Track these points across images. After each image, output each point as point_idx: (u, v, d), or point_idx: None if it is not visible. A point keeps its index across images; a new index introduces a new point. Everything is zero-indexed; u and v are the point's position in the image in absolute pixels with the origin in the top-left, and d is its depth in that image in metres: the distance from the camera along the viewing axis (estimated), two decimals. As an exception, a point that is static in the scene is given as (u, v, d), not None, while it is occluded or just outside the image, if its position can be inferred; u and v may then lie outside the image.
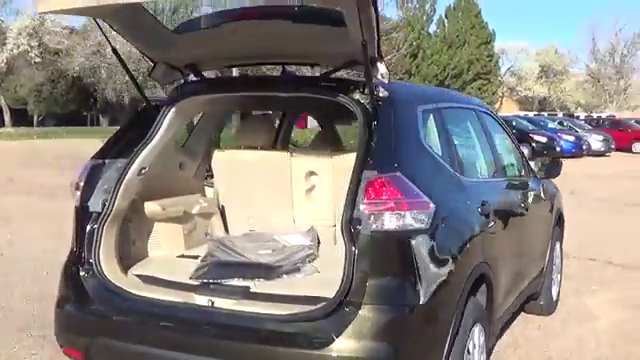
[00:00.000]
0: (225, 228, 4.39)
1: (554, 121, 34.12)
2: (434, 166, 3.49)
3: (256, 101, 4.39)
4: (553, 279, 5.96)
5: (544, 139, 27.50)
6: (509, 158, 5.04)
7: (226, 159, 4.29)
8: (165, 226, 3.97)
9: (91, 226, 3.51)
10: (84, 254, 3.50)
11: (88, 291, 3.44)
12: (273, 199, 4.22)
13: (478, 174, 4.28)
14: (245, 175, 4.24)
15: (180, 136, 4.31)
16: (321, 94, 3.56)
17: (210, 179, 4.52)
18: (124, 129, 3.87)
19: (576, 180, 15.58)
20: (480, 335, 3.62)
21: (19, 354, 4.71)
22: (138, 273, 3.62)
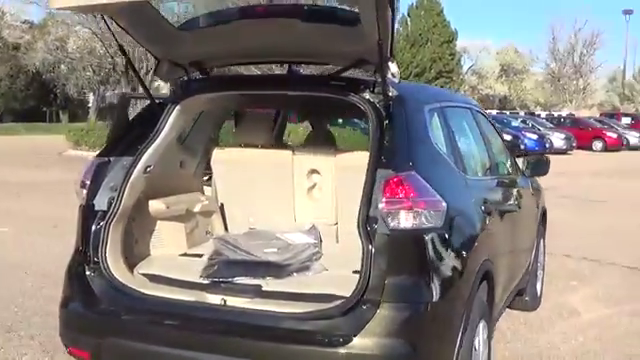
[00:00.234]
0: (225, 226, 4.36)
1: (517, 119, 34.65)
2: (443, 165, 3.53)
3: (263, 100, 4.37)
4: (537, 275, 6.07)
5: (508, 137, 27.86)
6: (500, 156, 5.12)
7: (226, 157, 4.26)
8: (168, 224, 3.93)
9: (97, 225, 3.46)
10: (90, 253, 3.44)
11: (95, 291, 3.39)
12: (274, 197, 4.21)
13: (477, 172, 4.33)
14: (245, 173, 4.22)
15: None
16: (331, 93, 3.56)
17: (207, 178, 4.49)
18: (128, 127, 3.82)
19: (541, 178, 15.81)
20: (484, 331, 3.67)
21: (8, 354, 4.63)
22: (144, 272, 3.57)
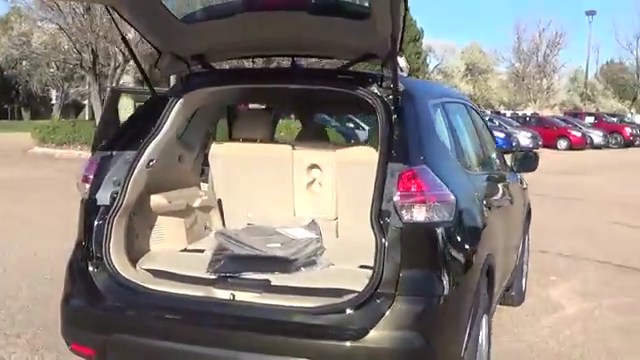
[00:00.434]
0: (222, 221, 4.33)
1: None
2: (449, 159, 3.56)
3: (267, 94, 4.35)
4: (523, 270, 6.15)
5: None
6: (492, 152, 5.17)
7: (224, 152, 4.23)
8: (168, 219, 3.89)
9: (100, 220, 3.41)
10: (92, 249, 3.39)
11: (98, 286, 3.33)
12: (273, 192, 4.19)
13: (475, 167, 4.38)
14: (244, 168, 4.20)
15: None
16: (339, 87, 3.56)
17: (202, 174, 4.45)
18: (130, 121, 3.77)
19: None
20: (486, 325, 3.71)
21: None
22: (147, 267, 3.53)
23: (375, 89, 3.41)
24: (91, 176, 3.50)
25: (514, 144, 29.94)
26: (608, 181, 18.43)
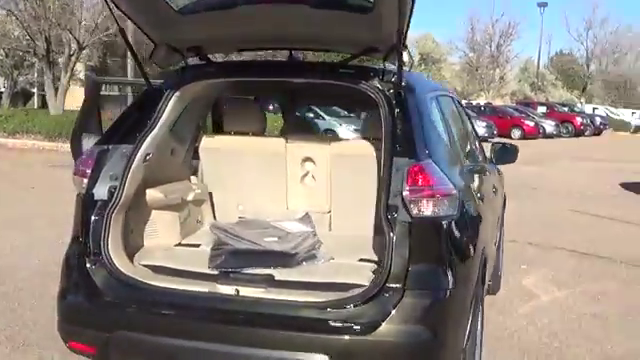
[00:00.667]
0: (213, 215, 4.29)
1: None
2: (448, 152, 3.59)
3: (266, 87, 4.30)
4: (500, 259, 6.25)
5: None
6: (476, 143, 5.23)
7: (216, 145, 4.19)
8: (162, 214, 3.83)
9: (97, 215, 3.34)
10: (90, 244, 3.32)
11: (97, 283, 3.26)
12: (266, 185, 4.17)
13: (466, 159, 4.42)
14: (236, 161, 4.16)
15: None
16: (341, 81, 3.54)
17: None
18: (126, 114, 3.69)
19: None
20: (481, 317, 3.77)
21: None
22: (146, 263, 3.47)
23: (377, 83, 3.41)
24: (88, 170, 3.42)
25: (470, 133, 30.33)
26: (564, 170, 18.84)
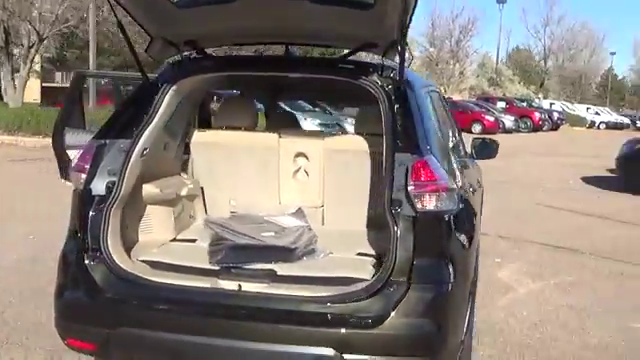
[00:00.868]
0: (205, 210, 4.27)
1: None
2: (444, 148, 3.63)
3: (264, 82, 4.28)
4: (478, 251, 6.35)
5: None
6: (459, 138, 5.29)
7: (208, 140, 4.17)
8: (157, 209, 3.80)
9: (96, 211, 3.30)
10: (88, 240, 3.28)
11: (96, 279, 3.22)
12: (258, 180, 4.17)
13: (456, 154, 4.47)
14: (228, 156, 4.15)
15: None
16: (340, 76, 3.56)
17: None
18: (122, 108, 3.65)
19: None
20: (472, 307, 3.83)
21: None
22: (144, 259, 3.44)
23: (377, 79, 3.43)
24: (87, 166, 3.38)
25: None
26: (527, 164, 19.16)
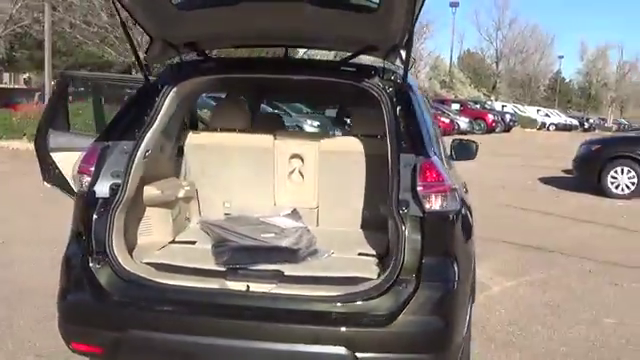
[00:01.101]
0: (199, 212, 4.27)
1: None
2: (439, 149, 3.72)
3: (265, 84, 4.29)
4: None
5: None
6: (441, 140, 5.39)
7: (202, 142, 4.17)
8: (155, 211, 3.80)
9: (100, 214, 3.28)
10: (93, 243, 3.26)
11: (102, 282, 3.21)
12: (253, 182, 4.19)
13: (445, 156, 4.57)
14: (223, 158, 4.16)
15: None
16: (343, 79, 3.61)
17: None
18: (123, 110, 3.63)
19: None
20: None
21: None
22: (148, 261, 3.44)
23: (379, 81, 3.49)
24: (92, 168, 3.36)
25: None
26: (486, 165, 19.31)
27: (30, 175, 6.89)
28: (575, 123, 56.53)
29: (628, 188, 13.09)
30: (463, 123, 36.92)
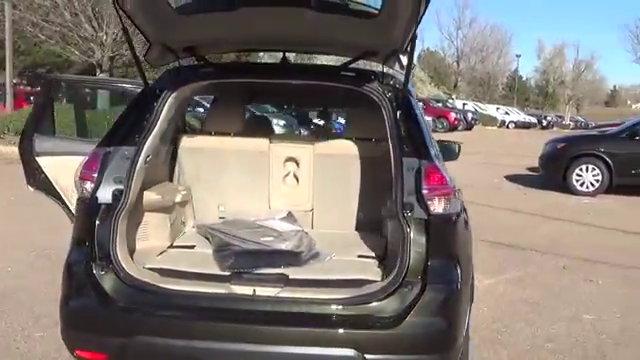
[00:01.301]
0: (193, 216, 4.26)
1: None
2: (438, 153, 3.77)
3: (264, 89, 4.29)
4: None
5: (322, 122, 28.79)
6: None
7: (197, 145, 4.17)
8: (154, 216, 3.79)
9: (103, 219, 3.27)
10: (96, 249, 3.24)
11: (106, 288, 3.19)
12: (248, 185, 4.20)
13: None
14: (217, 161, 4.17)
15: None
16: (343, 84, 3.64)
17: None
18: (123, 115, 3.60)
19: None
20: None
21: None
22: (151, 266, 3.42)
23: (378, 86, 3.53)
24: (94, 174, 3.34)
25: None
26: (449, 164, 19.47)
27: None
28: (533, 121, 57.46)
29: (593, 185, 13.39)
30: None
